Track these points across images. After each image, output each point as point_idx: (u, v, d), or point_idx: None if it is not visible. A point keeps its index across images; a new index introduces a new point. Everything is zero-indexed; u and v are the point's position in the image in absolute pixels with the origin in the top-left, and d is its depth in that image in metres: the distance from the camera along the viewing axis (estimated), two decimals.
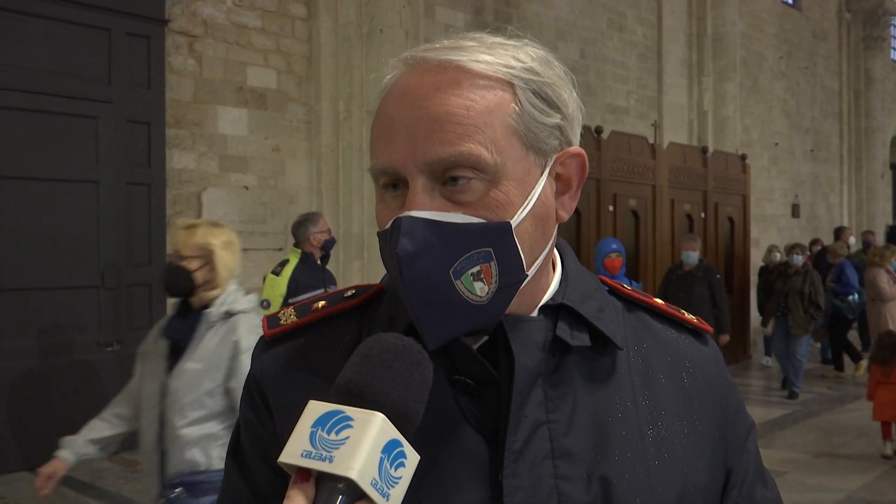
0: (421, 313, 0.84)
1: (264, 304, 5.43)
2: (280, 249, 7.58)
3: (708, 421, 0.99)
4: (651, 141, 10.01)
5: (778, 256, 10.76)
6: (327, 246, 5.72)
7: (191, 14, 7.35)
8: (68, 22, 6.53)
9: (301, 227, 5.72)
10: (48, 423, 6.26)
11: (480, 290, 0.85)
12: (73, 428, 6.92)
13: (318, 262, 5.71)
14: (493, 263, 0.85)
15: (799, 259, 9.29)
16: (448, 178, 0.85)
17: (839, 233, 12.23)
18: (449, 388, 0.89)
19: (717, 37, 14.02)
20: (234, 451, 1.01)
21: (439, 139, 0.84)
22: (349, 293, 1.02)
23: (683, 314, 1.06)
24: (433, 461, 0.86)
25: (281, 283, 5.47)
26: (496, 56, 0.89)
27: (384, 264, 0.89)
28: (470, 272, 0.84)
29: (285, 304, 5.32)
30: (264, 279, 5.72)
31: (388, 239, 0.85)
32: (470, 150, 0.84)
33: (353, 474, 0.68)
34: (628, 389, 0.95)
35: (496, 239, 0.85)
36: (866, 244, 13.27)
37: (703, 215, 10.63)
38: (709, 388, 1.01)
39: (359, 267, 8.06)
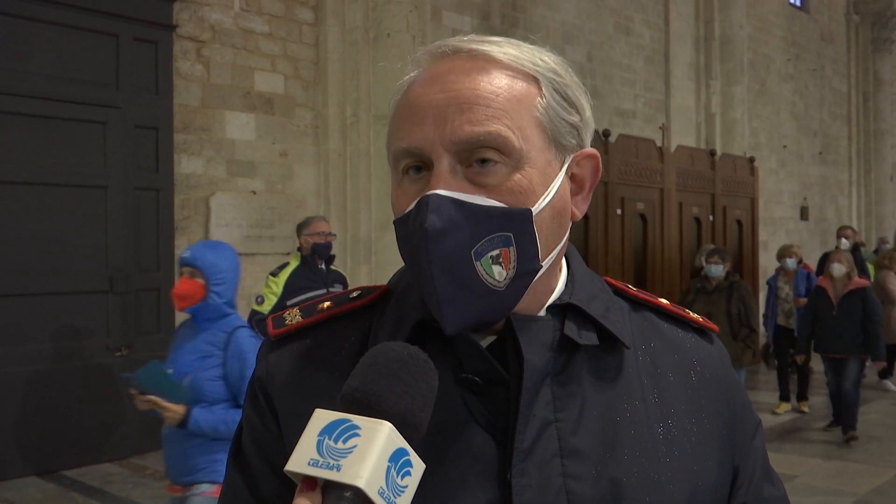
0: (443, 291, 0.84)
1: (258, 299, 5.57)
2: (288, 254, 7.58)
3: (716, 419, 0.99)
4: (659, 144, 9.99)
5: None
6: (317, 249, 5.65)
7: (198, 19, 7.37)
8: (76, 28, 6.56)
9: (298, 228, 5.81)
10: (56, 428, 6.28)
11: (499, 274, 0.85)
12: (81, 433, 6.96)
13: (322, 265, 5.72)
14: (512, 248, 0.86)
15: (719, 269, 7.21)
16: (474, 160, 0.86)
17: (839, 232, 11.06)
18: (456, 387, 0.89)
19: (725, 40, 13.99)
20: (236, 453, 1.00)
21: (468, 119, 0.86)
22: (354, 294, 1.02)
23: (689, 313, 1.06)
24: (441, 460, 0.86)
25: (278, 283, 5.56)
26: (522, 52, 0.92)
27: (400, 249, 0.89)
28: (490, 255, 0.85)
29: (280, 303, 5.43)
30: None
31: (412, 218, 0.85)
32: (499, 130, 0.86)
33: (361, 483, 0.68)
34: (637, 388, 0.95)
35: (517, 224, 0.86)
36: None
37: (711, 218, 10.61)
38: (716, 386, 1.01)
39: (367, 271, 8.06)
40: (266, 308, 5.43)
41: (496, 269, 0.85)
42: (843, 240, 10.43)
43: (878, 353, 7.44)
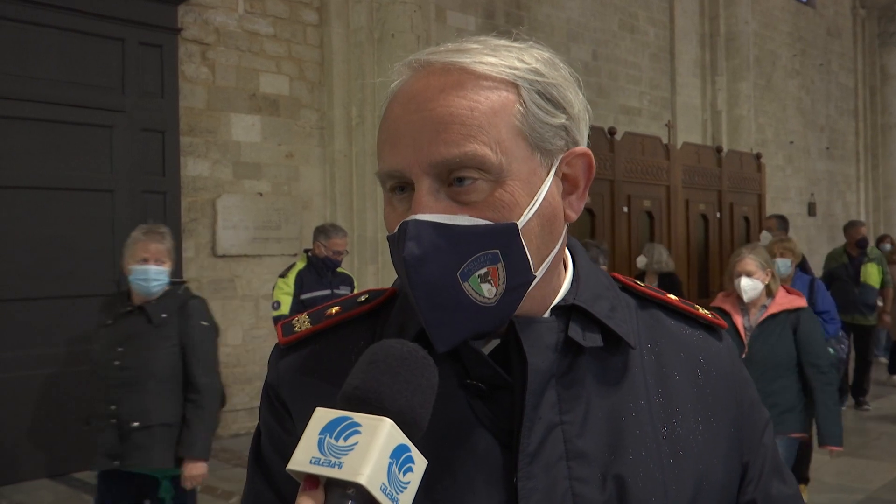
0: (430, 316, 0.84)
1: (274, 304, 5.69)
2: (295, 255, 7.60)
3: (723, 416, 0.98)
4: (665, 141, 9.97)
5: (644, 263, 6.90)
6: (327, 263, 5.79)
7: (203, 22, 7.39)
8: (82, 32, 6.58)
9: (317, 232, 5.88)
10: (66, 431, 6.30)
11: (488, 291, 0.85)
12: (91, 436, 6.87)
13: (328, 272, 5.81)
14: (500, 265, 0.85)
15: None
16: (454, 178, 0.85)
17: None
18: (462, 392, 0.89)
19: (730, 36, 13.96)
20: (257, 456, 1.01)
21: (443, 140, 0.84)
22: (362, 298, 1.02)
23: (698, 310, 1.05)
24: (448, 465, 0.86)
25: (288, 283, 5.68)
26: (500, 58, 0.89)
27: (395, 268, 0.89)
28: (477, 274, 0.84)
29: (296, 300, 5.57)
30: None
31: (396, 243, 0.85)
32: (474, 150, 0.84)
33: (362, 480, 0.68)
34: (641, 388, 0.94)
35: (503, 240, 0.85)
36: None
37: (718, 215, 10.58)
38: (723, 383, 1.00)
39: (373, 271, 8.07)
40: (284, 311, 5.53)
41: (485, 286, 0.84)
42: (765, 232, 7.77)
43: (832, 432, 4.09)
